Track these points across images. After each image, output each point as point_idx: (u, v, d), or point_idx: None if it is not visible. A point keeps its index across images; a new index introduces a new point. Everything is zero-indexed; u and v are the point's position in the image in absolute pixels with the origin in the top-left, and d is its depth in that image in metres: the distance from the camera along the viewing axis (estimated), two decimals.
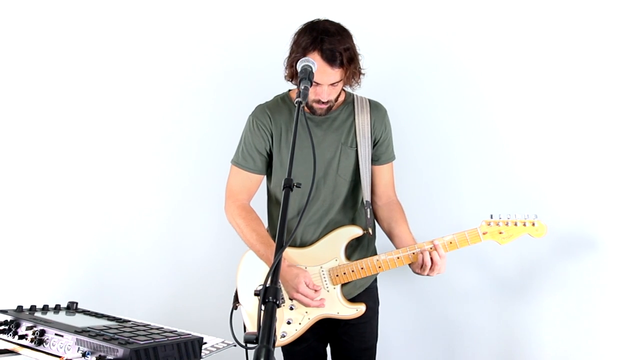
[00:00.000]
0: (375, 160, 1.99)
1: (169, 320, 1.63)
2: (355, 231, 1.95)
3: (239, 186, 1.99)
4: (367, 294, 2.02)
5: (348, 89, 1.95)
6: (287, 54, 1.85)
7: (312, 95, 1.79)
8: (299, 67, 1.61)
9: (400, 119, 2.21)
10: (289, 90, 2.02)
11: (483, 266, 2.38)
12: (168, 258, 2.76)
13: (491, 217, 1.85)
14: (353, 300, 1.97)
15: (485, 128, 2.38)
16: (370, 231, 1.97)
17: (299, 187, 1.27)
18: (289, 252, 1.93)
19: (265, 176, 2.03)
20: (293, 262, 1.90)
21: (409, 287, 2.46)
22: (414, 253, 1.85)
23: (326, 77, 1.76)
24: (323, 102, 1.82)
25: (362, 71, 1.87)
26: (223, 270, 2.35)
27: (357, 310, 1.92)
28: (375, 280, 2.09)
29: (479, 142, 2.39)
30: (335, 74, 1.77)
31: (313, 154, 1.38)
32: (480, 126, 2.38)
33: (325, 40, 1.73)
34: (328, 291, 1.91)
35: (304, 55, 1.71)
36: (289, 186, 1.25)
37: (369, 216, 1.96)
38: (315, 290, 1.85)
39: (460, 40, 2.39)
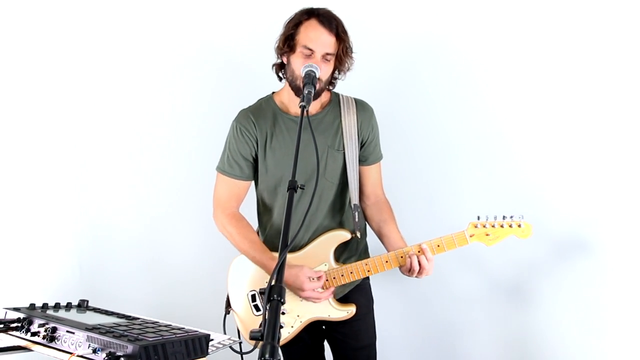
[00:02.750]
0: (362, 161, 1.96)
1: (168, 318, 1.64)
2: (343, 235, 1.93)
3: (227, 194, 1.96)
4: (359, 291, 2.01)
5: (337, 88, 1.94)
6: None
7: (302, 69, 1.73)
8: (302, 72, 1.64)
9: (394, 118, 2.20)
10: (273, 93, 1.98)
11: (481, 266, 2.38)
12: (163, 258, 2.81)
13: (478, 218, 1.83)
14: (345, 297, 1.97)
15: (480, 128, 2.36)
16: (359, 234, 1.95)
17: (303, 189, 1.30)
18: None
19: (250, 182, 2.00)
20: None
21: (405, 287, 2.43)
22: (402, 257, 1.85)
23: (321, 41, 1.75)
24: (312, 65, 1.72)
25: (353, 54, 1.86)
26: (214, 271, 2.36)
27: (347, 312, 1.92)
28: (368, 277, 2.04)
29: (474, 142, 2.38)
30: (331, 41, 1.76)
31: (317, 158, 1.41)
32: (476, 126, 2.37)
33: (321, 10, 1.79)
34: None
35: (299, 26, 1.75)
36: (293, 188, 1.28)
37: (357, 219, 1.93)
38: (319, 278, 1.85)
39: (457, 40, 2.38)
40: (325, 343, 2.12)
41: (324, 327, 2.03)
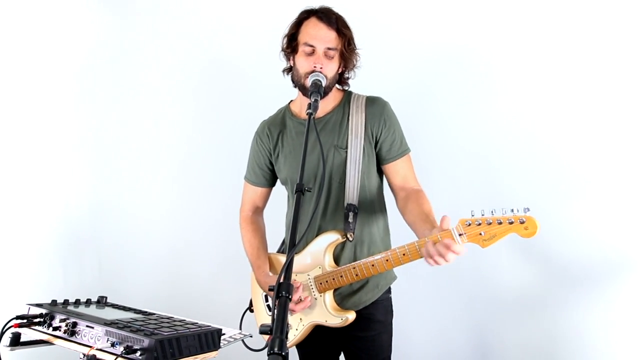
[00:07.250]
0: (384, 159, 1.86)
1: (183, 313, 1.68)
2: (333, 237, 1.82)
3: (246, 198, 2.07)
4: (376, 307, 1.90)
5: (349, 87, 1.92)
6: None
7: (306, 68, 1.75)
8: (309, 81, 1.67)
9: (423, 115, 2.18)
10: (290, 102, 2.01)
11: (507, 267, 2.25)
12: (178, 257, 2.87)
13: (472, 214, 1.53)
14: (361, 311, 1.87)
15: (486, 125, 2.32)
16: (350, 236, 1.81)
17: (310, 191, 1.34)
18: (281, 260, 1.96)
19: (268, 189, 2.05)
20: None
21: (430, 294, 2.32)
22: (387, 260, 1.68)
23: (321, 36, 1.74)
24: (318, 75, 1.72)
25: (358, 51, 1.84)
26: (228, 269, 2.41)
27: (341, 319, 1.80)
28: (389, 291, 1.95)
29: (480, 139, 2.33)
30: (331, 35, 1.75)
31: (323, 162, 1.46)
32: (481, 123, 2.33)
33: (321, 8, 1.80)
34: (316, 299, 1.84)
35: (300, 26, 1.77)
36: (300, 190, 1.32)
37: (350, 220, 1.80)
38: (296, 289, 1.78)
39: (467, 45, 2.37)
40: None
41: (335, 336, 1.95)
